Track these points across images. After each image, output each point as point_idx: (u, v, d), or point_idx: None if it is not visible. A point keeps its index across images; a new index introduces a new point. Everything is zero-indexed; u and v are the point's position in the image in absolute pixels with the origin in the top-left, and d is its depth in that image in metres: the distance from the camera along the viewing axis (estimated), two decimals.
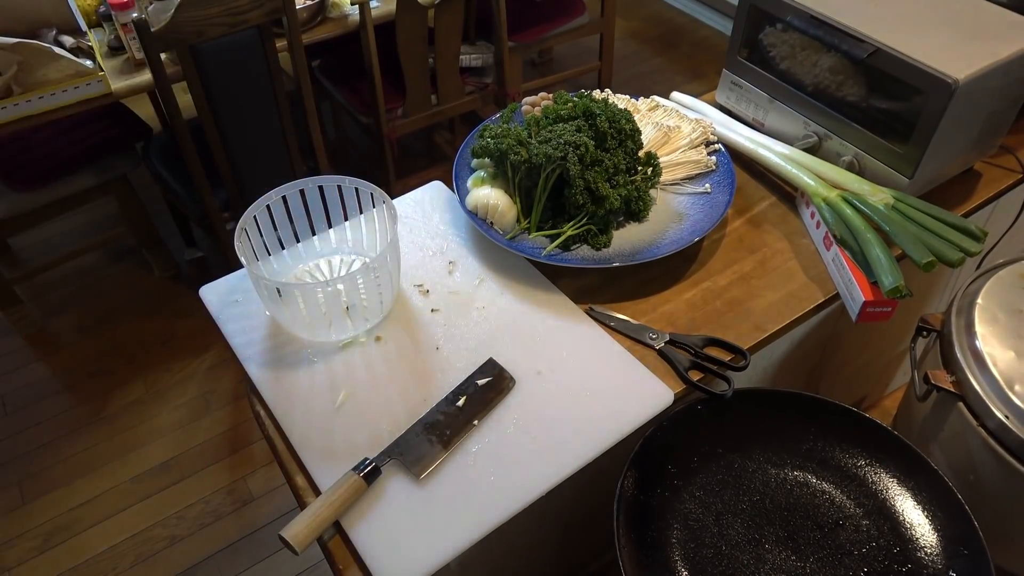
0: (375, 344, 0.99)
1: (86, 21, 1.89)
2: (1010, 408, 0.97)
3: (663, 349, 0.98)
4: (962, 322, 1.07)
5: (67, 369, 2.17)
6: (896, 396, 1.79)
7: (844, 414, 0.97)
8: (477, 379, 0.94)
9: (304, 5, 1.92)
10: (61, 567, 1.75)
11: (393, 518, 0.82)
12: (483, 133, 1.11)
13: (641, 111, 1.27)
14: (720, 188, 1.14)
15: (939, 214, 1.03)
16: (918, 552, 0.85)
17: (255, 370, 0.97)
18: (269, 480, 1.90)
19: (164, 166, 2.11)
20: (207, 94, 1.74)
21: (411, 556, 0.79)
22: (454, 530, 0.81)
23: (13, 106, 1.65)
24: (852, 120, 1.13)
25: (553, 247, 1.06)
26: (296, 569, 1.75)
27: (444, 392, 0.93)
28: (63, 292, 2.38)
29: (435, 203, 1.20)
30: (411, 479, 0.85)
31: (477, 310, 1.03)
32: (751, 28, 1.22)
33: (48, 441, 2.00)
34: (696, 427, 0.96)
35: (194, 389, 2.11)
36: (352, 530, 0.81)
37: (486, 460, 0.87)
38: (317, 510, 0.79)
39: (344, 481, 0.82)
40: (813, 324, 1.20)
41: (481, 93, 2.39)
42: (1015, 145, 1.26)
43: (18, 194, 1.96)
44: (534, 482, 0.85)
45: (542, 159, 1.03)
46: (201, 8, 1.58)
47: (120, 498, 1.88)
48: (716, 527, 0.88)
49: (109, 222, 2.58)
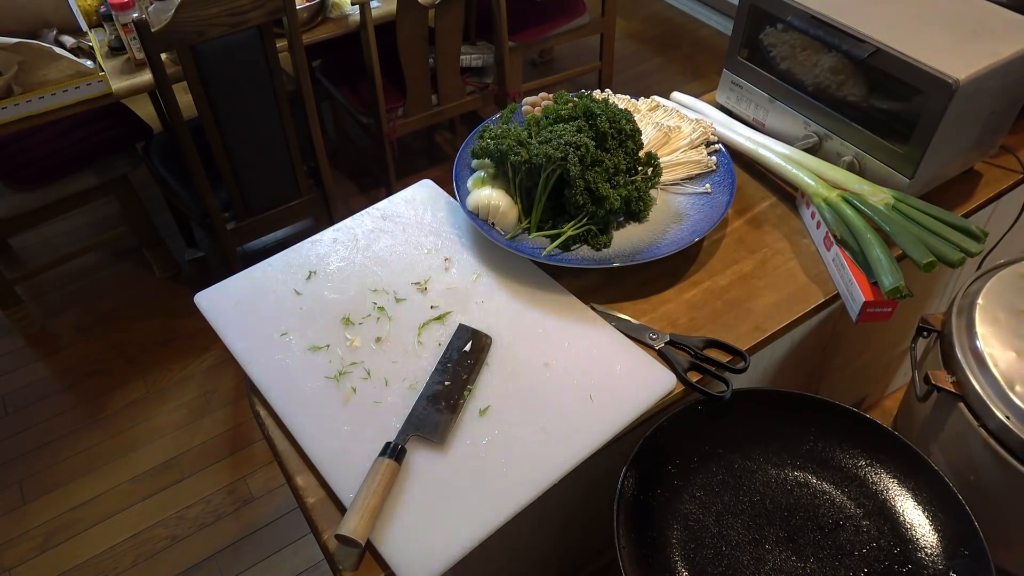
0: (375, 344, 0.99)
1: (86, 21, 1.89)
2: (1011, 408, 0.97)
3: (663, 350, 0.98)
4: (963, 322, 1.07)
5: (67, 369, 2.17)
6: (896, 396, 1.79)
7: (844, 414, 0.97)
8: (457, 346, 0.98)
9: (304, 5, 1.92)
10: (61, 567, 1.75)
11: (416, 509, 0.82)
12: (483, 134, 1.11)
13: (641, 111, 1.26)
14: (720, 188, 1.14)
15: (939, 214, 1.03)
16: (918, 552, 0.85)
17: (258, 374, 0.97)
18: (269, 480, 1.90)
19: (164, 166, 2.11)
20: (207, 94, 1.74)
21: (429, 550, 0.79)
22: (472, 520, 0.81)
23: (13, 106, 1.65)
24: (852, 120, 1.13)
25: (552, 247, 1.06)
26: (296, 569, 1.75)
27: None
28: (63, 292, 2.38)
29: (426, 201, 1.20)
30: (433, 453, 0.86)
31: (476, 304, 1.03)
32: (751, 28, 1.22)
33: (48, 441, 2.00)
34: (696, 427, 0.96)
35: (194, 389, 2.11)
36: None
37: (497, 452, 0.87)
38: (365, 500, 0.80)
39: (378, 468, 0.83)
40: (813, 324, 1.20)
41: (481, 93, 2.39)
42: (1015, 145, 1.26)
43: (18, 194, 1.96)
44: (546, 472, 0.85)
45: (542, 159, 1.03)
46: (201, 8, 1.58)
47: (120, 498, 1.88)
48: (716, 527, 0.88)
49: (109, 222, 2.58)
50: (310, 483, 0.88)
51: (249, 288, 1.07)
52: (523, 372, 0.95)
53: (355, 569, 0.80)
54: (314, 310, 1.04)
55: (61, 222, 2.57)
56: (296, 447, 0.91)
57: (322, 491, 0.87)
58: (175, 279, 2.41)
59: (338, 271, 1.09)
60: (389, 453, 0.84)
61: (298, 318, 1.03)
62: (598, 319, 1.01)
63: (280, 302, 1.05)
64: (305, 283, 1.07)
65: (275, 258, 1.11)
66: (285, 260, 1.11)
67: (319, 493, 0.87)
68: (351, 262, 1.10)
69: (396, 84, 2.23)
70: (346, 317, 1.03)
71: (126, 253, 2.49)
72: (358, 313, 1.03)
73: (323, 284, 1.07)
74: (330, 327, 1.01)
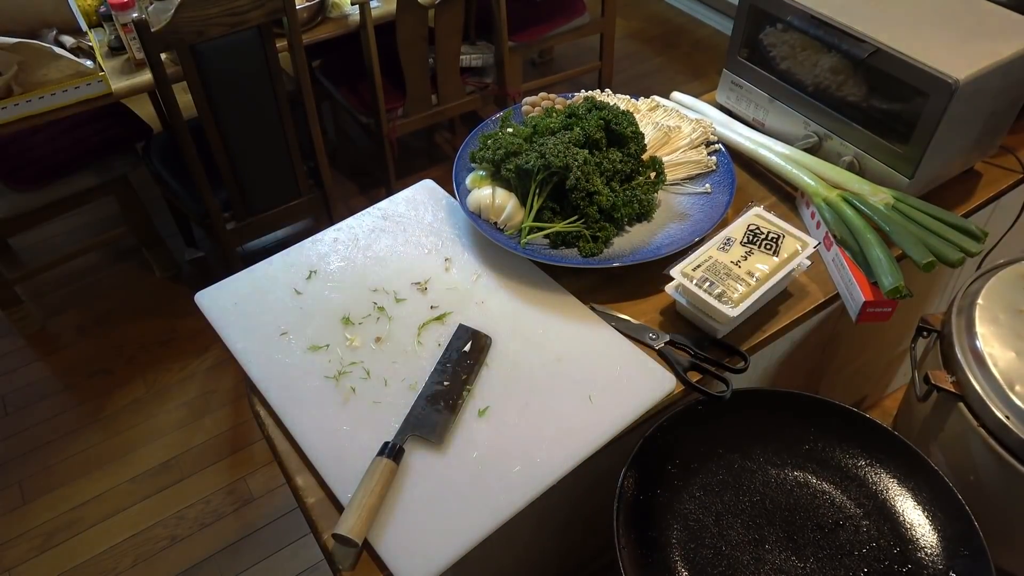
0: (375, 344, 0.99)
1: (86, 21, 1.89)
2: (1010, 408, 0.97)
3: (663, 349, 0.97)
4: (962, 322, 1.07)
5: (67, 369, 2.17)
6: (896, 396, 1.79)
7: (844, 414, 0.97)
8: (456, 346, 0.97)
9: (304, 5, 1.92)
10: (61, 567, 1.75)
11: (415, 509, 0.82)
12: (484, 142, 1.11)
13: (641, 111, 1.26)
14: (720, 188, 1.14)
15: (939, 214, 1.03)
16: (918, 552, 0.85)
17: (257, 373, 0.97)
18: (269, 480, 1.90)
19: (164, 166, 2.11)
20: (207, 94, 1.74)
21: (428, 551, 0.79)
22: (471, 520, 0.81)
23: (13, 106, 1.65)
24: (852, 120, 1.12)
25: (534, 236, 1.06)
26: (296, 569, 1.75)
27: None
28: (63, 292, 2.38)
29: (427, 201, 1.20)
30: (432, 453, 0.86)
31: (476, 305, 1.03)
32: (751, 28, 1.22)
33: (48, 441, 2.00)
34: (696, 427, 0.96)
35: (194, 389, 2.11)
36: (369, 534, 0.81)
37: (497, 452, 0.87)
38: (362, 500, 0.80)
39: (376, 467, 0.83)
40: (813, 324, 1.20)
41: (481, 93, 2.39)
42: (1015, 145, 1.26)
43: (18, 194, 1.96)
44: (545, 472, 0.85)
45: (543, 166, 1.03)
46: (201, 8, 1.58)
47: (120, 498, 1.88)
48: (716, 527, 0.88)
49: (109, 222, 2.58)
50: (310, 483, 0.88)
51: (249, 288, 1.07)
52: (523, 372, 0.95)
53: (354, 569, 0.80)
54: (314, 310, 1.04)
55: (61, 222, 2.57)
56: (296, 447, 0.91)
57: (321, 491, 0.87)
58: (175, 279, 2.41)
59: (338, 271, 1.09)
60: (387, 453, 0.84)
61: (298, 318, 1.03)
62: (598, 319, 1.01)
63: (280, 302, 1.05)
64: (305, 283, 1.07)
65: (275, 258, 1.11)
66: (285, 260, 1.11)
67: (319, 493, 0.87)
68: (351, 262, 1.10)
69: (396, 84, 2.23)
70: (346, 317, 1.03)
71: (126, 253, 2.49)
72: (358, 313, 1.03)
73: (323, 284, 1.07)
74: (330, 327, 1.01)
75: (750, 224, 1.01)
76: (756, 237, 0.99)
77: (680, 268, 0.97)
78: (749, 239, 0.99)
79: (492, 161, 1.09)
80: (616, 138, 1.11)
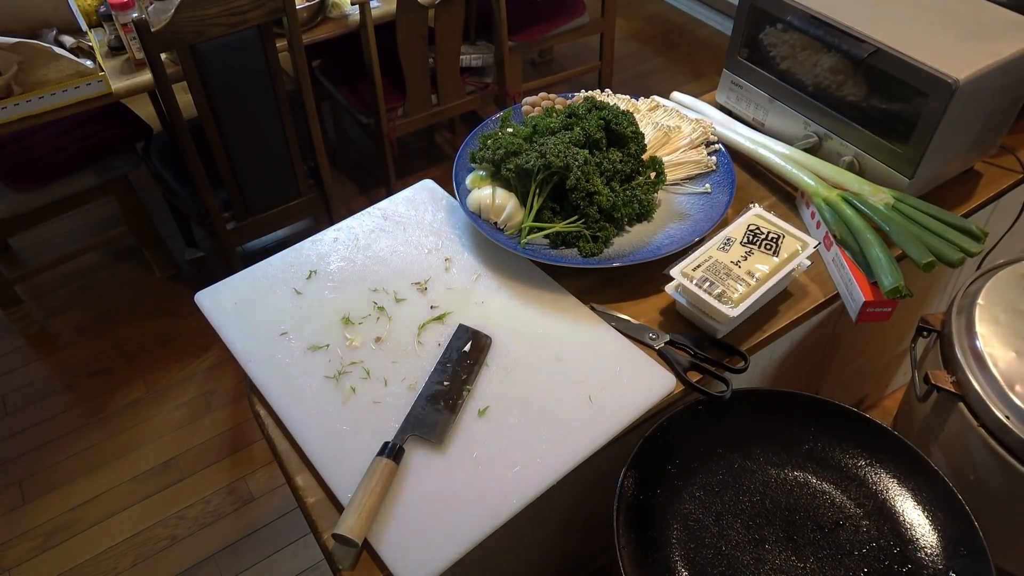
0: (375, 344, 0.99)
1: (86, 21, 1.89)
2: (1010, 408, 0.97)
3: (663, 349, 0.97)
4: (962, 322, 1.07)
5: (67, 369, 2.17)
6: (896, 396, 1.79)
7: (844, 414, 0.97)
8: (456, 346, 0.97)
9: (304, 5, 1.92)
10: (61, 567, 1.75)
11: (415, 509, 0.82)
12: (484, 142, 1.11)
13: (641, 111, 1.26)
14: (720, 188, 1.14)
15: (939, 214, 1.03)
16: (918, 552, 0.85)
17: (257, 373, 0.97)
18: (269, 480, 1.90)
19: (164, 166, 2.11)
20: (207, 94, 1.74)
21: (428, 551, 0.79)
22: (470, 520, 0.81)
23: (13, 106, 1.65)
24: (852, 120, 1.12)
25: (534, 236, 1.05)
26: (296, 569, 1.74)
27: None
28: (63, 292, 2.38)
29: (427, 201, 1.20)
30: (432, 453, 0.86)
31: (476, 305, 1.03)
32: (751, 28, 1.22)
33: (48, 441, 2.00)
34: (696, 427, 0.96)
35: (194, 389, 2.11)
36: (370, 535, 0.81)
37: (496, 452, 0.87)
38: (362, 500, 0.80)
39: (376, 467, 0.83)
40: (813, 324, 1.20)
41: (481, 93, 2.39)
42: (1015, 145, 1.26)
43: (18, 194, 1.96)
44: (545, 472, 0.85)
45: (543, 166, 1.03)
46: (201, 8, 1.58)
47: (120, 498, 1.88)
48: (716, 527, 0.88)
49: (109, 222, 2.58)
50: (310, 483, 0.88)
51: (249, 288, 1.07)
52: (522, 372, 0.95)
53: (354, 569, 0.80)
54: (314, 310, 1.04)
55: (61, 222, 2.57)
56: (296, 447, 0.91)
57: (321, 491, 0.87)
58: (175, 279, 2.41)
59: (338, 271, 1.09)
60: (387, 453, 0.84)
61: (298, 318, 1.03)
62: (598, 319, 1.01)
63: (280, 302, 1.05)
64: (305, 283, 1.07)
65: (275, 258, 1.11)
66: (285, 260, 1.11)
67: (319, 493, 0.87)
68: (351, 262, 1.10)
69: (396, 84, 2.23)
70: (346, 317, 1.03)
71: (126, 253, 2.49)
72: (358, 313, 1.03)
73: (323, 284, 1.07)
74: (330, 327, 1.01)
75: (750, 224, 1.01)
76: (756, 237, 1.00)
77: (680, 268, 0.97)
78: (749, 239, 0.99)
79: (492, 161, 1.09)
80: (616, 138, 1.11)
